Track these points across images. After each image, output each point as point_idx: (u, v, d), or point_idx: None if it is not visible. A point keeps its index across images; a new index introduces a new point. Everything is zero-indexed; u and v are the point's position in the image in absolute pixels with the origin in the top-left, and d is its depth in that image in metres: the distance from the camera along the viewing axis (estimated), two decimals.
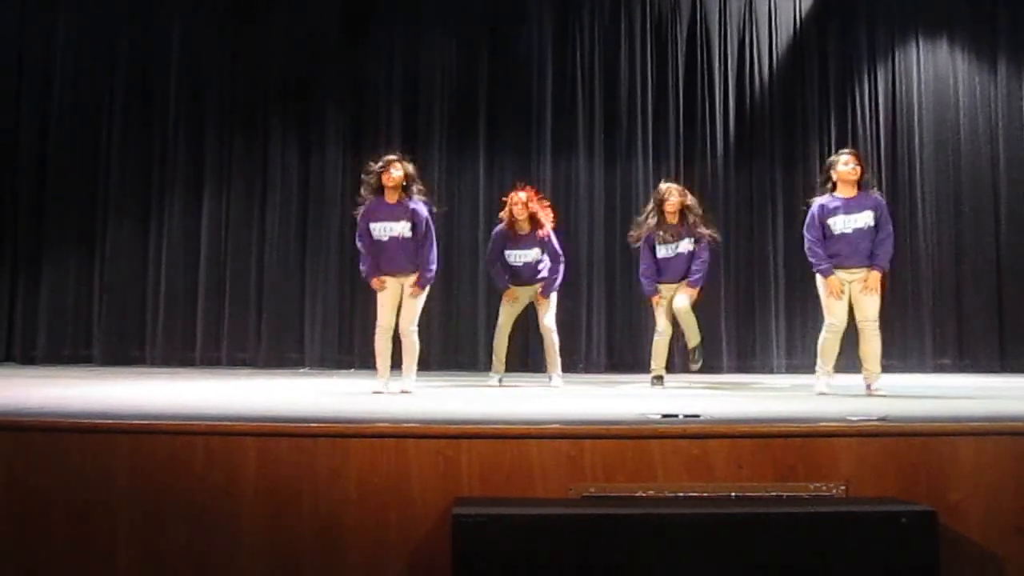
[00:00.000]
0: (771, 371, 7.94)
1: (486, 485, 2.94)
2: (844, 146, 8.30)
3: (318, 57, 8.20)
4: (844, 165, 4.96)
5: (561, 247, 6.08)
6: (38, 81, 8.13)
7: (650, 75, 8.34)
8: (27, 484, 2.94)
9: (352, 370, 7.61)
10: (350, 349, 7.93)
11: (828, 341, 5.03)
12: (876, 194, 5.15)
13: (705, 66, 8.38)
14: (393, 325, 5.00)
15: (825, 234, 4.96)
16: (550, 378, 5.95)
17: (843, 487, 2.95)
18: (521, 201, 5.93)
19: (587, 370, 7.83)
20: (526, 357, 7.47)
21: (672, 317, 6.03)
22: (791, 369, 7.88)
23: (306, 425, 3.05)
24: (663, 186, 6.12)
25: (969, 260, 8.27)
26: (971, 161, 8.39)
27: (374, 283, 5.03)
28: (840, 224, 4.94)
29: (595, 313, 8.08)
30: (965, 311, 8.18)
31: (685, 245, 5.97)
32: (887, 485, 2.97)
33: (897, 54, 8.51)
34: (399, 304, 5.00)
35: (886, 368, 6.95)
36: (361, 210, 5.05)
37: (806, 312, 8.14)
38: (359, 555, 2.88)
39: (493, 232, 6.23)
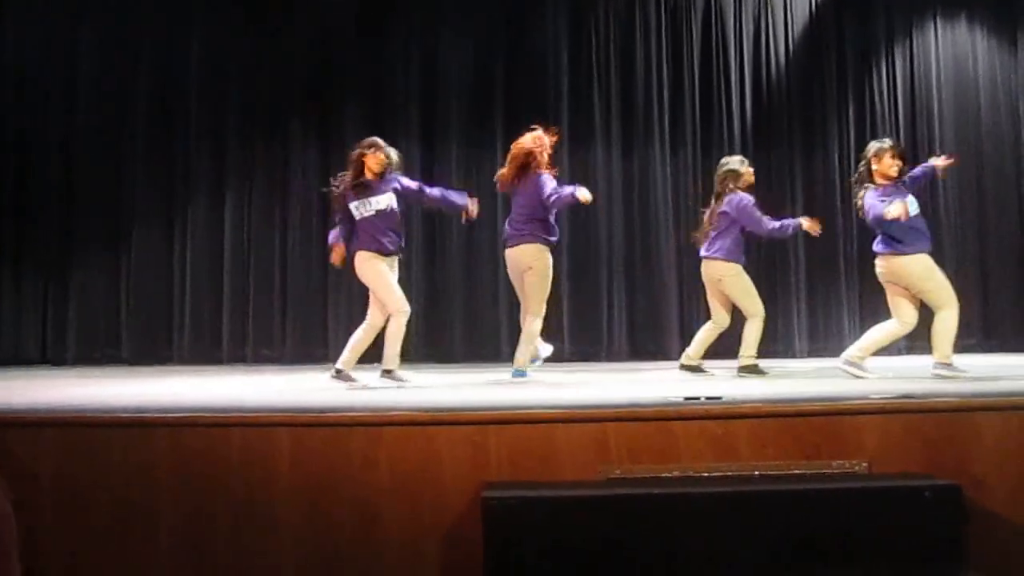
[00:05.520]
0: (793, 355, 7.93)
1: (514, 469, 3.00)
2: (862, 130, 8.33)
3: (335, 58, 8.27)
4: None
5: None
6: (63, 89, 8.24)
7: (666, 64, 8.33)
8: (72, 478, 3.04)
9: (377, 364, 7.67)
10: (376, 342, 7.98)
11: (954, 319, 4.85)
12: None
13: (721, 54, 8.36)
14: None
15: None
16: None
17: (866, 464, 2.98)
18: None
19: (609, 359, 7.87)
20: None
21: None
22: (813, 353, 7.87)
23: (338, 415, 3.14)
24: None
25: (993, 241, 8.22)
26: (993, 141, 8.32)
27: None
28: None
29: (615, 302, 8.11)
30: (991, 291, 8.13)
31: None
32: (910, 461, 3.00)
33: (915, 36, 8.45)
34: None
35: (912, 350, 6.99)
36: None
37: (828, 297, 8.14)
38: (394, 539, 2.96)
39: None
